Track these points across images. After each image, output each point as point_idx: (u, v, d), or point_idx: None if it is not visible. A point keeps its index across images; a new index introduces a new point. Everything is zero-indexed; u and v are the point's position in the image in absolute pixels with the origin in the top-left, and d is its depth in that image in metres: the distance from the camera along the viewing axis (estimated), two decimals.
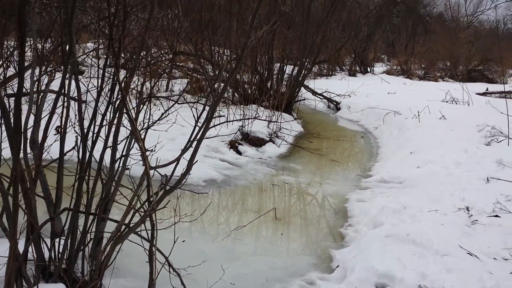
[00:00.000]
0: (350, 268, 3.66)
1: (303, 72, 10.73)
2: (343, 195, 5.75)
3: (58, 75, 3.31)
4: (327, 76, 21.61)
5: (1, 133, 2.76)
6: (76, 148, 3.11)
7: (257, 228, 4.71)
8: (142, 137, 2.98)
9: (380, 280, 3.45)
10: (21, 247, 2.71)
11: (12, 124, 2.51)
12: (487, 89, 16.15)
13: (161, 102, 6.40)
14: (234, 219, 4.98)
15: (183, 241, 4.13)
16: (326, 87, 13.85)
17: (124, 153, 3.09)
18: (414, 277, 3.42)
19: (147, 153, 2.82)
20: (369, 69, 24.57)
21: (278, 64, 10.72)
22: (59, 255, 3.05)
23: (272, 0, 10.11)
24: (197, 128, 2.97)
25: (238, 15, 10.03)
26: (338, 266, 3.86)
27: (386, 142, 8.81)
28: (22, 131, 2.66)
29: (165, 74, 10.62)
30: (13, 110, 2.49)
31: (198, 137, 2.93)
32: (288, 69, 10.78)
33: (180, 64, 11.46)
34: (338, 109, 13.00)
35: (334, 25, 13.34)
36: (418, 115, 9.64)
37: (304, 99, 12.59)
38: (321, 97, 13.26)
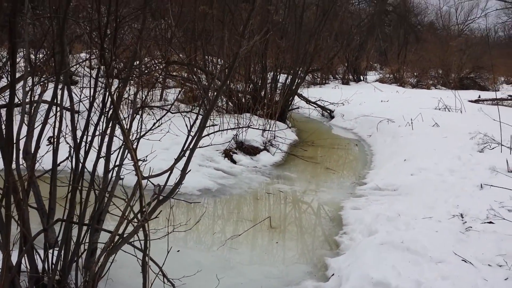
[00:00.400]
0: (345, 276, 3.65)
1: (296, 81, 10.78)
2: (338, 203, 5.75)
3: (51, 86, 3.30)
4: (320, 84, 21.73)
5: None
6: (69, 158, 3.09)
7: (252, 237, 4.70)
8: (134, 147, 2.98)
9: None
10: (14, 258, 2.69)
11: (4, 135, 2.50)
12: (479, 97, 16.26)
13: (153, 112, 6.40)
14: (229, 228, 4.96)
15: (178, 251, 4.11)
16: (320, 96, 13.91)
17: (117, 163, 3.08)
18: (409, 285, 3.41)
19: (140, 163, 2.81)
20: (362, 78, 24.74)
21: (272, 73, 10.76)
22: (53, 266, 3.02)
23: (264, 10, 10.16)
24: (190, 138, 2.97)
25: (231, 25, 10.08)
26: (333, 274, 3.85)
27: (380, 150, 8.84)
28: (15, 141, 2.65)
29: (158, 84, 10.63)
30: (4, 121, 2.48)
31: (191, 146, 2.93)
32: (282, 78, 10.82)
33: (174, 74, 11.48)
34: (332, 117, 13.05)
35: (326, 34, 13.43)
36: (411, 122, 9.69)
37: (298, 108, 12.64)
38: (314, 105, 13.32)
